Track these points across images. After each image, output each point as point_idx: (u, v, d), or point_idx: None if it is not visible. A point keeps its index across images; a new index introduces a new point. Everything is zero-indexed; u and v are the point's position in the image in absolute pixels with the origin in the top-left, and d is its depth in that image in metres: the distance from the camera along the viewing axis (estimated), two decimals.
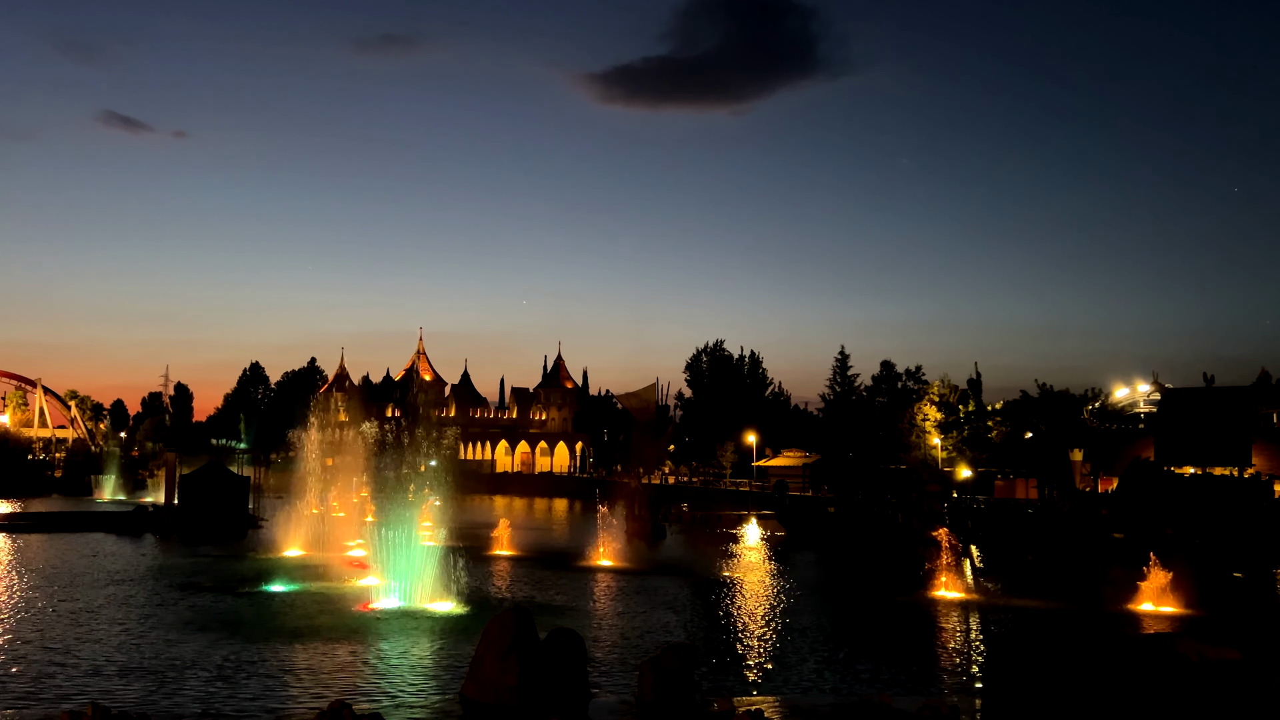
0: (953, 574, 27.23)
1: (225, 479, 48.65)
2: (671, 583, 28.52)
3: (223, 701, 14.00)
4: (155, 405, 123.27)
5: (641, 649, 17.95)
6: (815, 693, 15.49)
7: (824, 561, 34.54)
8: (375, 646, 18.35)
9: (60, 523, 45.24)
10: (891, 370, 73.71)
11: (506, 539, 37.17)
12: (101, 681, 15.18)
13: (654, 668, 12.56)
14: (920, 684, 16.24)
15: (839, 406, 75.96)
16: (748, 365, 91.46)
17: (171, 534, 41.44)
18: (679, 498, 69.58)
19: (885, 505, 39.90)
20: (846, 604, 25.43)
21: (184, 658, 16.95)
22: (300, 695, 14.46)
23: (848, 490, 53.47)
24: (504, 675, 12.46)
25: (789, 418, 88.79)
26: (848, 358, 78.15)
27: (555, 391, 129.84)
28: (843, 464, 61.53)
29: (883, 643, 20.56)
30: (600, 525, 35.27)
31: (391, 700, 13.89)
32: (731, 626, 22.11)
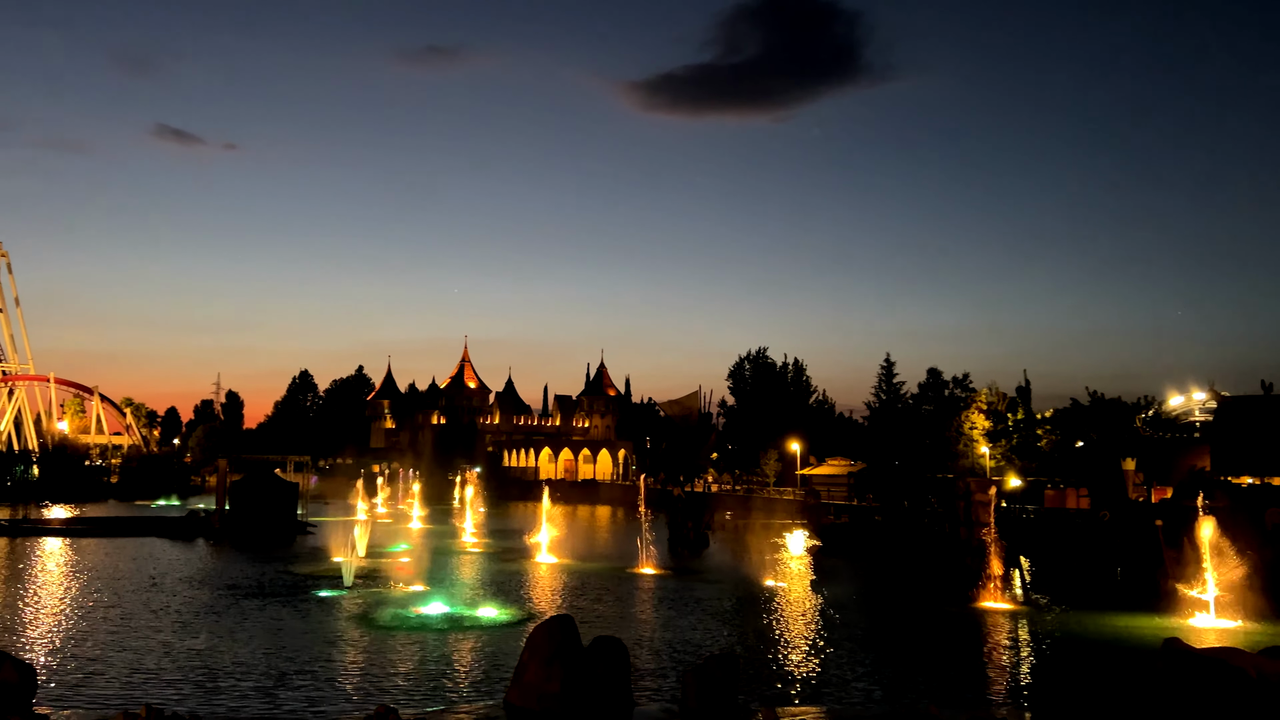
0: (1002, 584, 26.80)
1: (275, 485, 49.48)
2: (714, 591, 28.39)
3: (273, 704, 14.20)
4: (207, 412, 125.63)
5: (684, 657, 17.89)
6: (861, 704, 15.31)
7: (870, 571, 34.16)
8: (421, 651, 18.49)
9: (116, 527, 46.27)
10: (938, 378, 72.73)
11: (550, 545, 37.29)
12: (155, 683, 15.48)
13: (698, 676, 12.51)
14: (969, 696, 15.99)
15: (884, 415, 75.07)
16: (791, 373, 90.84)
17: (223, 539, 42.19)
18: (722, 505, 69.31)
19: (932, 515, 39.37)
20: (893, 614, 25.11)
21: (235, 661, 17.23)
22: (348, 699, 14.62)
23: (894, 499, 52.84)
24: (548, 682, 12.50)
25: (833, 426, 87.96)
26: (893, 365, 77.30)
27: (598, 399, 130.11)
28: (889, 473, 60.83)
29: (930, 654, 20.27)
30: (643, 532, 35.24)
31: (437, 705, 13.99)
32: (775, 636, 21.95)
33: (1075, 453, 59.08)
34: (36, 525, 46.71)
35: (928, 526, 37.63)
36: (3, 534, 42.80)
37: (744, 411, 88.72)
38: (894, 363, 77.22)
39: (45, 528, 45.84)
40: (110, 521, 49.32)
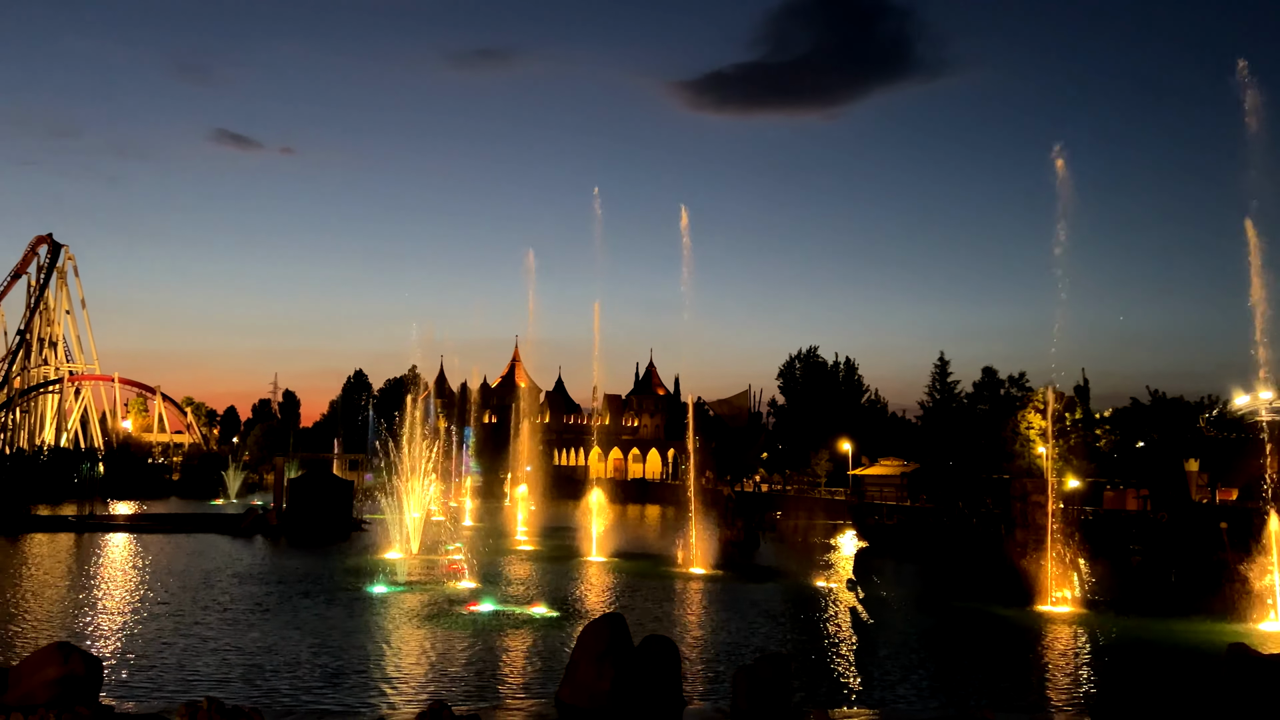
0: (1059, 587, 26.29)
1: (331, 483, 50.34)
2: (765, 591, 28.26)
3: (328, 699, 14.43)
4: (265, 411, 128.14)
5: (735, 658, 17.82)
6: (914, 707, 15.12)
7: (923, 573, 33.77)
8: (472, 648, 18.67)
9: (178, 524, 47.40)
10: (994, 377, 71.56)
11: (599, 544, 37.40)
12: (214, 676, 15.82)
13: (748, 677, 12.46)
14: (1025, 700, 15.72)
15: (938, 414, 74.03)
16: (843, 372, 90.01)
17: (280, 536, 42.99)
18: (772, 506, 68.95)
19: (987, 516, 38.77)
20: (947, 617, 24.77)
21: (291, 655, 17.55)
22: (401, 695, 14.82)
23: (948, 500, 52.15)
24: (599, 680, 12.54)
25: (886, 426, 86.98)
26: (947, 364, 76.20)
27: (647, 398, 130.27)
28: (942, 473, 60.05)
29: (985, 657, 19.96)
30: (692, 533, 35.19)
31: (489, 702, 14.11)
32: (827, 637, 21.78)
33: (1136, 453, 57.81)
34: (102, 521, 48.00)
35: (983, 528, 37.05)
36: (70, 529, 44.05)
37: (794, 411, 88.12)
38: (948, 361, 76.14)
39: (110, 523, 47.10)
40: (172, 518, 50.54)
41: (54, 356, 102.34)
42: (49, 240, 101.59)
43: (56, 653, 12.02)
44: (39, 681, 11.70)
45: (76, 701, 11.66)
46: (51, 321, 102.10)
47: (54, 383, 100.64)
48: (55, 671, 11.74)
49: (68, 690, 11.69)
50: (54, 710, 11.35)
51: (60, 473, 73.63)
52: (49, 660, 11.89)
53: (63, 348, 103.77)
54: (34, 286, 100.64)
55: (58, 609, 22.72)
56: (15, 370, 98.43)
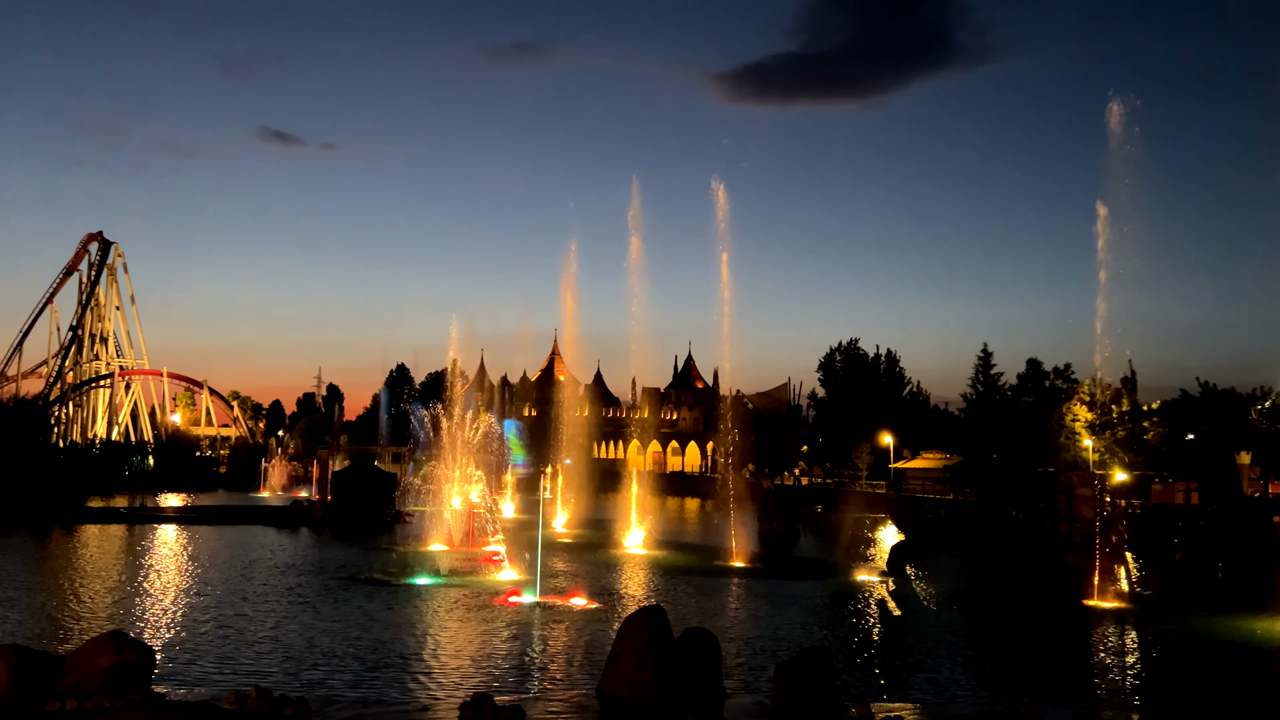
0: (1106, 582, 25.89)
1: (374, 475, 50.97)
2: (805, 585, 28.13)
3: (372, 689, 14.63)
4: (309, 405, 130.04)
5: (775, 652, 17.78)
6: (958, 702, 14.98)
7: (966, 568, 33.39)
8: (514, 640, 18.81)
9: (225, 516, 48.26)
10: (1038, 368, 70.63)
11: (639, 537, 37.48)
12: (261, 665, 16.11)
13: (790, 670, 12.44)
14: (1072, 697, 15.51)
15: (982, 406, 73.26)
16: (884, 364, 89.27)
17: (324, 528, 43.61)
18: (812, 499, 68.61)
19: (1032, 509, 38.25)
20: (991, 612, 24.51)
21: (335, 645, 17.81)
22: (444, 685, 14.97)
23: (992, 494, 51.51)
24: (640, 672, 12.59)
25: (928, 418, 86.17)
26: (991, 355, 75.38)
27: (686, 391, 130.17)
28: (986, 466, 59.38)
29: (1030, 653, 19.73)
30: (732, 526, 35.13)
31: (531, 693, 14.21)
32: (868, 631, 21.66)
33: (1185, 446, 56.75)
34: (153, 513, 48.98)
35: (1027, 521, 36.60)
36: (122, 521, 45.04)
37: (835, 404, 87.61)
38: (991, 353, 75.37)
39: (160, 515, 48.06)
40: (220, 510, 51.47)
41: (105, 352, 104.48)
42: (99, 238, 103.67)
43: (110, 641, 12.31)
44: (93, 669, 11.99)
45: (129, 689, 11.93)
46: (102, 317, 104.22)
47: (105, 377, 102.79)
48: (109, 660, 12.03)
49: (121, 678, 11.97)
50: (108, 697, 11.63)
51: (112, 465, 75.24)
52: (103, 649, 12.18)
53: (113, 343, 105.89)
54: (85, 283, 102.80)
55: (110, 598, 23.26)
56: (68, 365, 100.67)
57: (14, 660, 11.88)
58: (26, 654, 12.17)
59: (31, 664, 12.00)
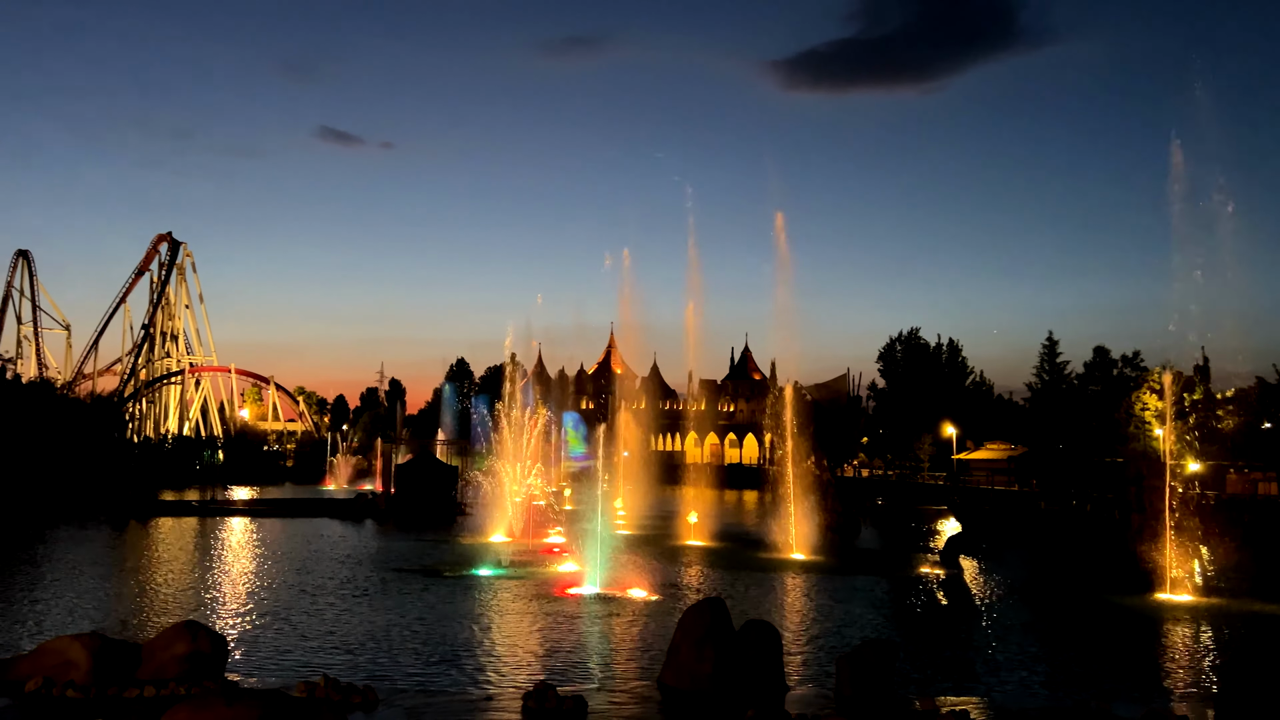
0: (1179, 575, 25.21)
1: (436, 468, 51.71)
2: (867, 578, 27.87)
3: (437, 678, 14.85)
4: (372, 399, 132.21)
5: (836, 644, 17.65)
6: (1024, 696, 14.71)
7: (1033, 560, 32.78)
8: (575, 631, 18.94)
9: (292, 508, 49.35)
10: (1106, 356, 68.87)
11: (698, 529, 37.46)
12: (328, 655, 16.44)
13: (852, 663, 12.33)
14: (1144, 691, 15.14)
15: (1047, 396, 71.64)
16: (945, 353, 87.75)
17: (388, 520, 44.36)
18: (873, 491, 67.89)
19: (1101, 501, 37.37)
20: (1059, 605, 24.01)
21: (400, 636, 18.11)
22: (506, 675, 15.13)
23: (1059, 485, 50.44)
24: (700, 663, 12.58)
25: (992, 408, 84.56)
26: (1056, 344, 73.65)
27: (743, 383, 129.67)
28: (1052, 457, 58.15)
29: (1100, 646, 19.28)
30: (791, 518, 34.92)
31: (592, 683, 14.30)
32: (931, 624, 21.38)
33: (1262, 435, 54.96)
34: (223, 506, 50.32)
35: (1096, 513, 35.77)
36: (193, 514, 46.32)
37: (895, 394, 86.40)
38: (1057, 341, 73.66)
39: (230, 508, 49.34)
40: (287, 503, 52.65)
41: (175, 349, 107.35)
42: (169, 238, 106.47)
43: (185, 631, 12.67)
44: (169, 657, 12.36)
45: (204, 677, 12.27)
46: (172, 316, 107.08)
47: (176, 374, 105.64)
48: (184, 648, 12.38)
49: (195, 666, 12.31)
50: (184, 685, 11.97)
51: (184, 460, 77.39)
52: (178, 638, 12.54)
53: (183, 341, 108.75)
54: (156, 283, 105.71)
55: (184, 589, 23.95)
56: (141, 363, 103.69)
57: (94, 648, 12.30)
58: (106, 642, 12.58)
59: (111, 652, 12.41)
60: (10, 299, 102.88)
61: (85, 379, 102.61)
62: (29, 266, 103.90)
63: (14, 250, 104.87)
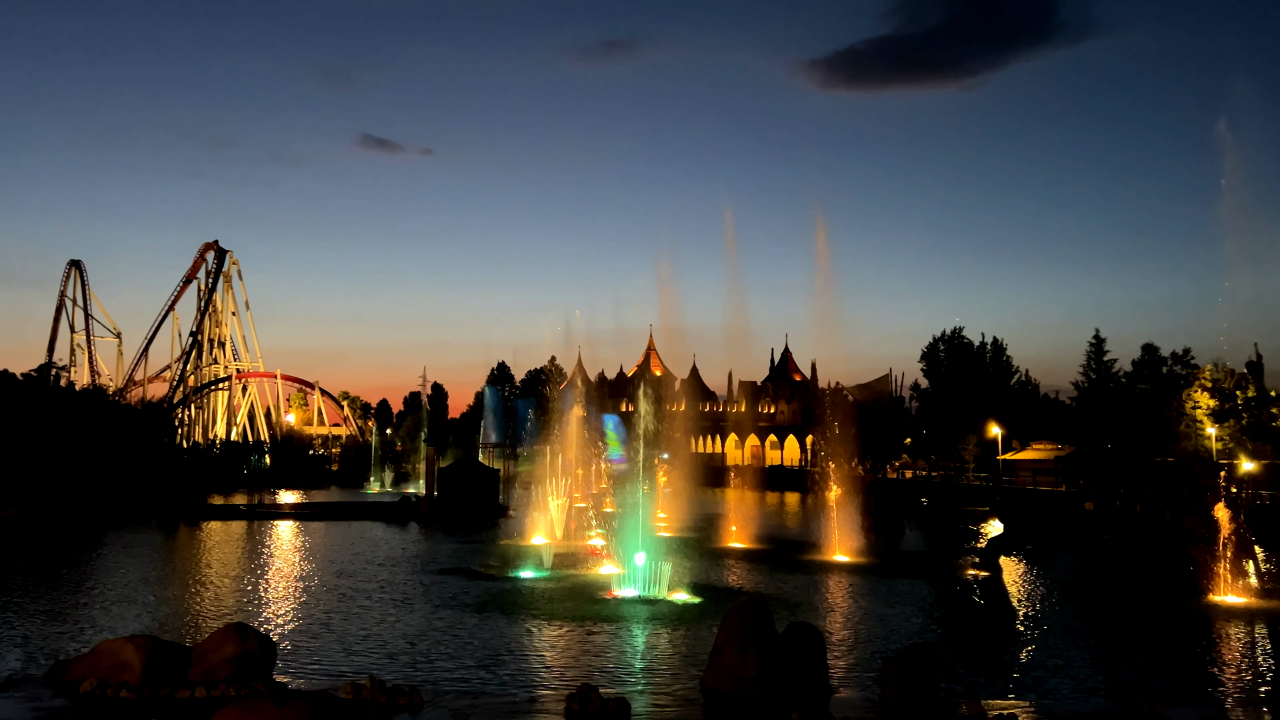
0: (1233, 577, 24.64)
1: (478, 471, 52.07)
2: (911, 580, 27.58)
3: (480, 680, 14.94)
4: (415, 403, 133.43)
5: (880, 646, 17.50)
6: (1074, 700, 14.46)
7: (1081, 562, 32.21)
8: (617, 633, 18.96)
9: (338, 512, 49.98)
10: (1155, 354, 67.62)
11: (739, 531, 37.32)
12: (374, 656, 16.61)
13: (897, 666, 12.22)
14: (1198, 695, 14.82)
15: (1094, 395, 70.49)
16: (989, 352, 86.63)
17: (432, 522, 44.75)
18: (917, 492, 67.22)
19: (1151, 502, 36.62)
20: (1108, 608, 23.58)
21: (443, 638, 18.25)
22: (549, 677, 15.18)
23: (1107, 485, 49.55)
24: (743, 666, 12.53)
25: (1037, 408, 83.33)
26: (1103, 341, 72.48)
27: (783, 385, 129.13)
28: (1100, 457, 57.22)
29: (1152, 650, 18.91)
30: (834, 520, 34.67)
31: (635, 685, 14.30)
32: (977, 626, 21.10)
33: None
34: (270, 510, 51.07)
35: (1146, 514, 35.09)
36: (242, 518, 47.08)
37: (939, 394, 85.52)
38: (1104, 339, 72.51)
39: (277, 512, 50.06)
40: (333, 506, 53.34)
41: (223, 356, 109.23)
42: (215, 246, 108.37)
43: (234, 633, 12.88)
44: (219, 659, 12.57)
45: (253, 678, 12.46)
46: (219, 323, 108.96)
47: (223, 380, 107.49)
48: (233, 650, 12.59)
49: (245, 668, 12.51)
50: (233, 686, 12.17)
51: (232, 464, 78.70)
52: (227, 640, 12.75)
53: (230, 347, 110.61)
54: (203, 291, 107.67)
55: (233, 591, 24.34)
56: (189, 369, 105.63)
57: (147, 649, 12.55)
58: (158, 644, 12.83)
59: (163, 653, 12.65)
60: (64, 308, 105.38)
61: (136, 385, 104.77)
62: (81, 276, 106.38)
63: (67, 260, 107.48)
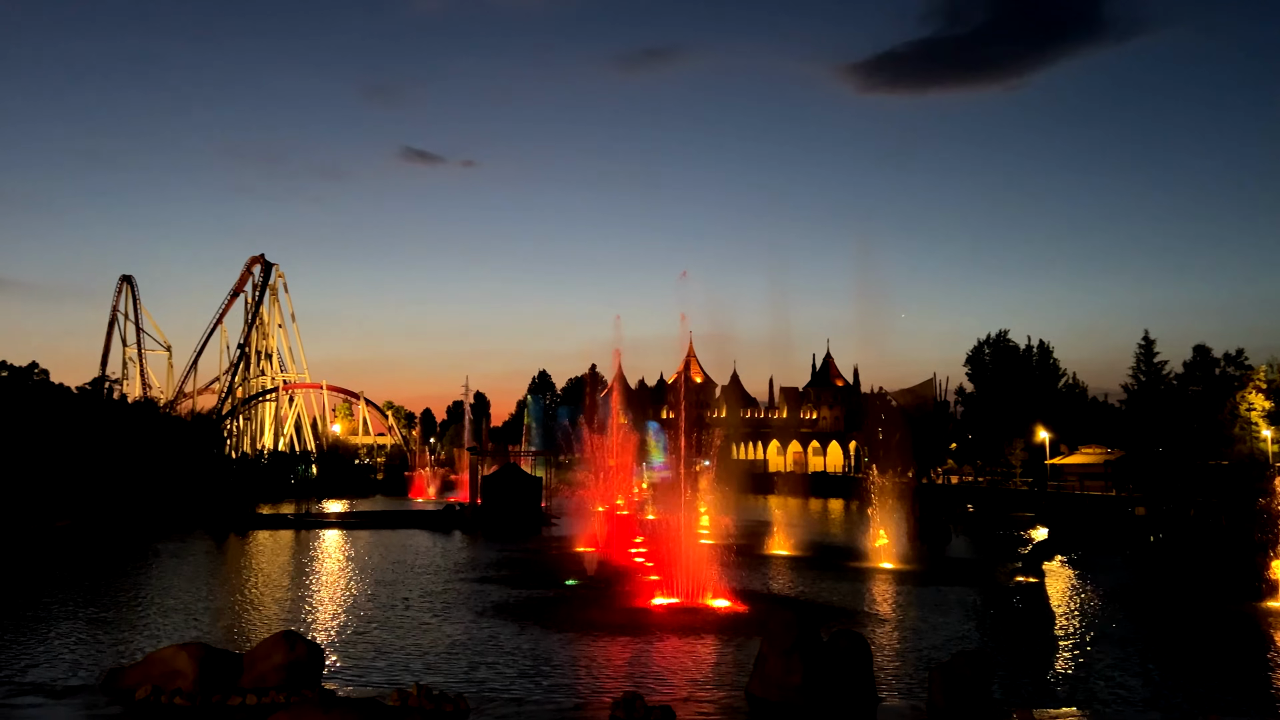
0: None
1: (521, 479, 52.31)
2: (958, 587, 27.23)
3: (525, 688, 14.99)
4: (458, 413, 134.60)
5: (928, 654, 17.29)
6: (1129, 709, 14.18)
7: (1133, 568, 31.61)
8: (660, 641, 18.92)
9: (383, 521, 50.48)
10: (1207, 355, 66.20)
11: (782, 538, 37.11)
12: (419, 664, 16.75)
13: (946, 674, 12.08)
14: (1255, 704, 14.45)
15: (1144, 398, 69.15)
16: (1036, 356, 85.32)
17: (475, 530, 45.03)
18: (962, 498, 66.35)
19: (1205, 506, 35.84)
20: (1161, 615, 23.09)
21: (487, 646, 18.35)
22: (593, 685, 15.20)
23: (1159, 490, 48.60)
24: (788, 674, 12.46)
25: (1085, 411, 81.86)
26: (1153, 343, 71.09)
27: (825, 390, 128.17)
28: (1151, 461, 56.11)
29: (1206, 658, 18.48)
30: (879, 527, 34.34)
31: (680, 694, 14.26)
32: (1027, 634, 20.76)
33: None
34: (317, 519, 51.71)
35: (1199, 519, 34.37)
36: (289, 527, 47.73)
37: (984, 399, 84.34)
38: (1154, 341, 71.13)
39: (324, 521, 50.69)
40: (379, 515, 53.88)
41: (270, 367, 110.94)
42: (261, 260, 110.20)
43: (283, 640, 13.07)
44: (269, 666, 12.77)
45: (302, 685, 12.63)
46: (266, 335, 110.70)
47: (271, 391, 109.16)
48: (282, 657, 12.78)
49: (294, 675, 12.69)
50: (283, 693, 12.35)
51: (279, 474, 79.79)
52: (277, 647, 12.95)
53: (277, 359, 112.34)
54: (250, 304, 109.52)
55: (282, 599, 24.69)
56: (238, 381, 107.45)
57: (199, 657, 12.78)
58: (210, 652, 13.07)
59: (215, 661, 12.88)
60: (116, 322, 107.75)
61: (186, 398, 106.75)
62: (133, 291, 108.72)
63: (119, 276, 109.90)
